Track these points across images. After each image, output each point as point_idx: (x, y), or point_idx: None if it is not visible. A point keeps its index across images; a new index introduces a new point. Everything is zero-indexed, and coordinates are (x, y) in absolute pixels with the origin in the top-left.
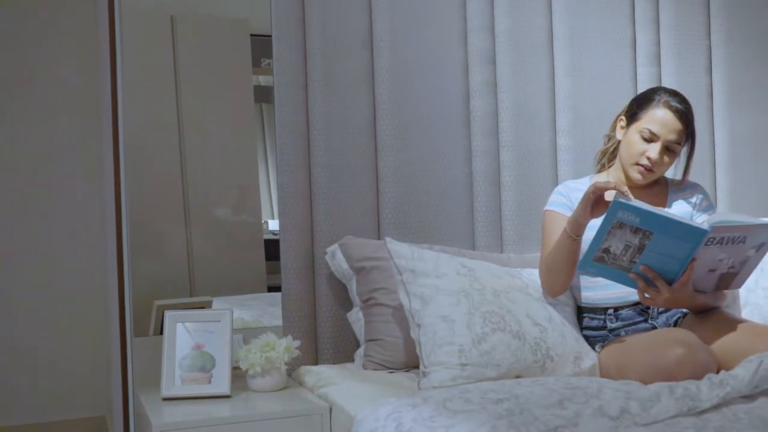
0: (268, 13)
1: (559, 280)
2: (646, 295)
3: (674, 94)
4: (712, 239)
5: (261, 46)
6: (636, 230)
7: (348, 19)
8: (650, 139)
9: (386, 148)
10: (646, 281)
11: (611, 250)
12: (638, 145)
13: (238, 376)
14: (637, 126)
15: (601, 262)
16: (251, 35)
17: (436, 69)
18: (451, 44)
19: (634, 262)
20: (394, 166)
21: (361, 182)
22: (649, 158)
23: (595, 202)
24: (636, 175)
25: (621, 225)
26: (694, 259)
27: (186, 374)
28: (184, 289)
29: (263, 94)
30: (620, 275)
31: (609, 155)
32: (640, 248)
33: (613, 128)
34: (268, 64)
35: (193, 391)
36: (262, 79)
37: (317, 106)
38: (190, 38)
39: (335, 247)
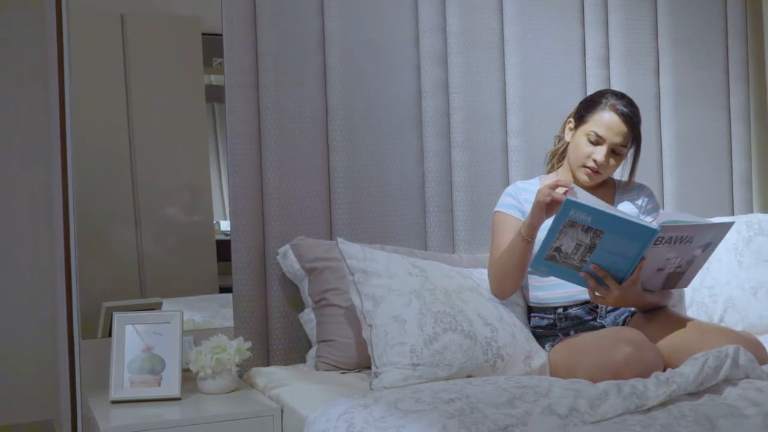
0: (220, 11)
1: (510, 283)
2: (597, 294)
3: (621, 96)
4: (660, 238)
5: (213, 45)
6: (587, 229)
7: (300, 19)
8: (596, 141)
9: (338, 148)
10: (596, 280)
11: (563, 249)
12: (585, 148)
13: (189, 378)
14: (584, 128)
15: (553, 261)
16: (203, 34)
17: (389, 69)
18: (404, 45)
19: (585, 261)
20: (346, 167)
21: (313, 182)
22: (595, 161)
23: (548, 204)
24: (583, 176)
25: (573, 224)
26: (643, 258)
27: (135, 377)
28: (134, 291)
29: (215, 94)
30: (571, 274)
31: (558, 156)
32: (591, 247)
33: (563, 129)
34: (220, 63)
35: (142, 393)
36: (214, 79)
37: (269, 106)
38: (140, 37)
39: (287, 247)
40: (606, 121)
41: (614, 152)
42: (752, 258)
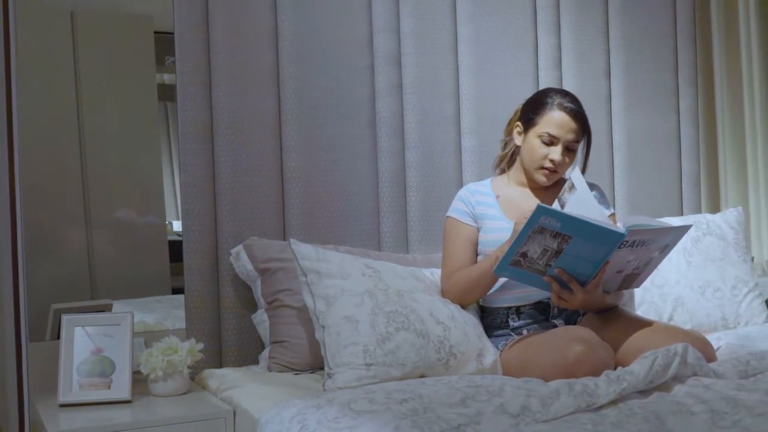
0: (172, 10)
1: (474, 298)
2: (561, 297)
3: (565, 94)
4: (624, 242)
5: (165, 43)
6: (555, 234)
7: (253, 18)
8: (550, 142)
9: (291, 148)
10: (560, 284)
11: (528, 254)
12: (540, 150)
13: (140, 380)
14: (535, 131)
15: (517, 266)
16: (155, 32)
17: (342, 69)
18: (357, 45)
19: (549, 266)
20: (300, 166)
21: (266, 182)
22: (552, 161)
23: None
24: (542, 178)
25: (542, 230)
26: (607, 262)
27: (84, 380)
28: (84, 292)
29: (168, 93)
30: (535, 278)
31: (508, 160)
32: (558, 252)
33: (508, 133)
34: (172, 62)
35: (91, 396)
36: (167, 78)
37: (221, 105)
38: (90, 35)
39: (239, 248)
40: (557, 120)
41: (568, 149)
42: (700, 258)
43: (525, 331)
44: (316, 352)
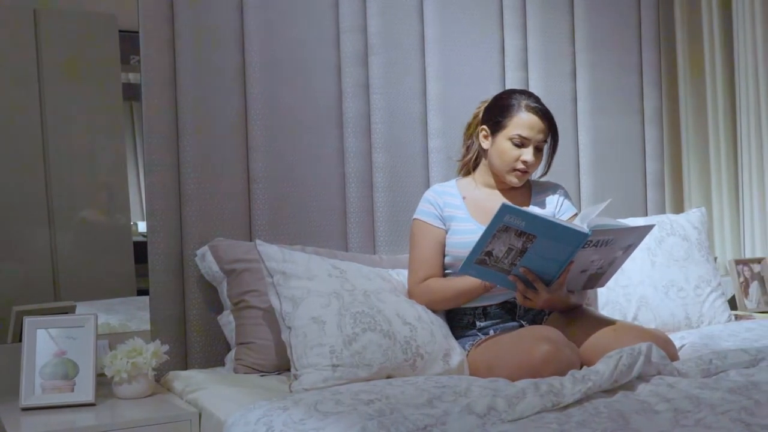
0: (136, 8)
1: (444, 309)
2: (526, 297)
3: (529, 95)
4: (589, 242)
5: (130, 42)
6: (520, 234)
7: (218, 17)
8: (522, 143)
9: (258, 148)
10: (525, 283)
11: (494, 252)
12: (512, 152)
13: (104, 383)
14: (505, 133)
15: (482, 264)
16: (120, 31)
17: (309, 69)
18: (324, 45)
19: (515, 265)
20: (266, 167)
21: (232, 183)
22: (525, 162)
23: None
24: (514, 179)
25: (506, 229)
26: (571, 262)
27: (47, 382)
28: (48, 294)
29: (133, 92)
30: (500, 277)
31: (473, 162)
32: (522, 251)
33: (469, 137)
34: (138, 61)
35: (54, 400)
36: (132, 77)
37: (186, 105)
38: (54, 33)
39: (205, 249)
40: (526, 122)
41: (537, 149)
42: (664, 258)
43: (491, 332)
44: (283, 354)
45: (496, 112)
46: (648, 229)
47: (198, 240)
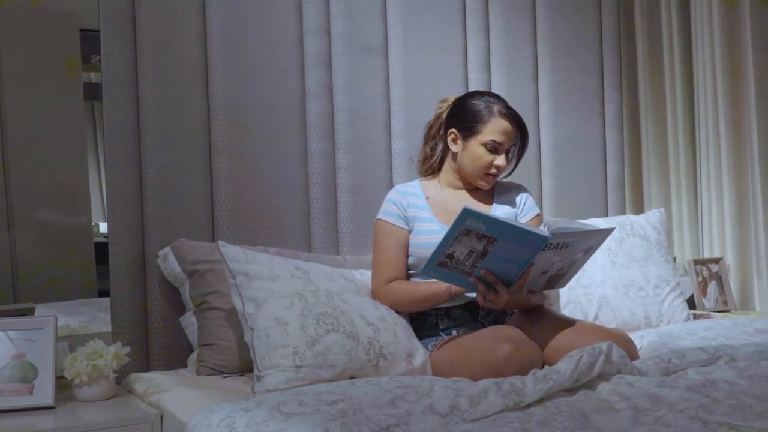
0: (97, 7)
1: (409, 312)
2: (487, 298)
3: (498, 98)
4: (549, 244)
5: (91, 41)
6: (481, 236)
7: (181, 16)
8: (495, 149)
9: (221, 148)
10: (485, 285)
11: (455, 255)
12: (485, 157)
13: (64, 386)
14: (479, 139)
15: (444, 267)
16: (81, 30)
17: (272, 69)
18: (287, 45)
19: (476, 267)
20: (229, 167)
21: (195, 183)
22: (498, 166)
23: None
24: (484, 183)
25: (468, 232)
26: (531, 264)
27: (5, 385)
28: (6, 296)
29: (94, 92)
30: (461, 279)
31: (437, 163)
32: (483, 253)
33: (432, 137)
34: (99, 60)
35: (13, 403)
36: (93, 76)
37: (149, 105)
38: (13, 31)
39: (167, 250)
40: (501, 128)
41: (507, 152)
42: (625, 258)
43: (454, 332)
44: (245, 355)
45: (468, 117)
46: (608, 232)
47: (160, 241)
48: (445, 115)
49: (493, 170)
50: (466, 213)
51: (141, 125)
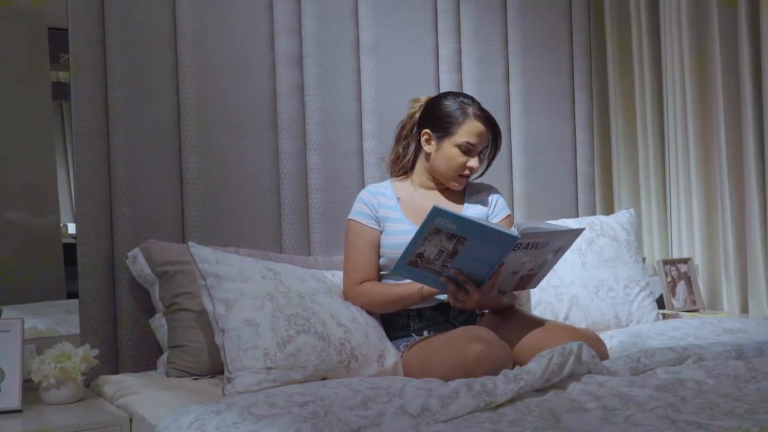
0: (65, 5)
1: (383, 312)
2: (457, 298)
3: (472, 100)
4: (519, 244)
5: (60, 40)
6: (451, 236)
7: (150, 15)
8: (469, 151)
9: (191, 148)
10: (456, 284)
11: (425, 254)
12: (459, 159)
13: (31, 388)
14: (453, 140)
15: (414, 266)
16: (49, 28)
17: (243, 69)
18: (258, 45)
19: (446, 266)
20: (199, 168)
21: (165, 183)
22: (471, 168)
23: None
24: (456, 184)
25: (437, 231)
26: (502, 264)
27: None
28: None
29: (63, 91)
30: (431, 279)
31: (410, 163)
32: (454, 253)
33: (404, 136)
34: (68, 59)
35: None
36: (62, 75)
37: (118, 105)
38: None
39: (137, 251)
40: (476, 130)
41: (480, 154)
42: (595, 258)
43: (426, 333)
44: (216, 357)
45: (443, 118)
46: (578, 232)
47: (129, 242)
48: (418, 115)
49: (466, 171)
50: (436, 212)
51: (110, 125)
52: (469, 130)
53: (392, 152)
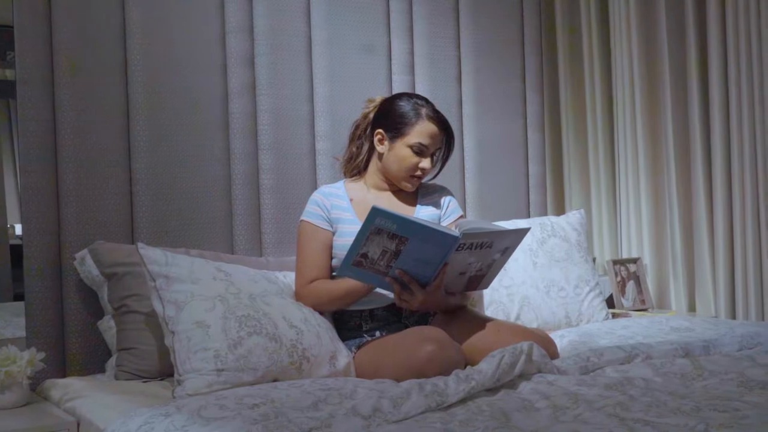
0: (11, 1)
1: (331, 310)
2: (402, 299)
3: (426, 101)
4: (462, 245)
5: (5, 37)
6: (393, 236)
7: (99, 12)
8: (421, 151)
9: (140, 148)
10: (401, 285)
11: (369, 255)
12: (411, 159)
13: None
14: (405, 141)
15: (360, 266)
16: None
17: (194, 69)
18: (209, 44)
19: (391, 267)
20: (149, 168)
21: (113, 184)
22: (423, 169)
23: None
24: (408, 185)
25: (379, 231)
26: (446, 264)
27: None
28: None
29: (10, 89)
30: (377, 279)
31: (363, 163)
32: (397, 253)
33: (357, 137)
34: (14, 57)
35: None
36: (8, 73)
37: (65, 104)
38: None
39: (85, 252)
40: (429, 131)
41: (433, 155)
42: (545, 258)
43: (378, 333)
44: (166, 359)
45: (396, 119)
46: (523, 232)
47: (77, 243)
48: (372, 115)
49: (418, 172)
50: (375, 212)
51: (57, 125)
52: (421, 131)
53: (346, 152)
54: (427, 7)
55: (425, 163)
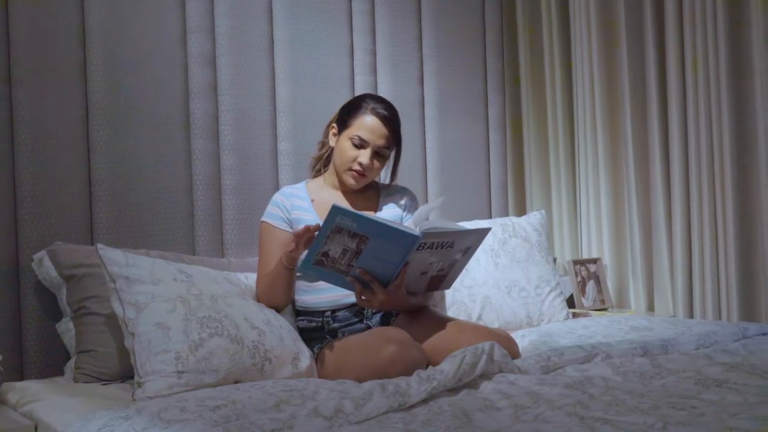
0: None
1: (279, 301)
2: (363, 298)
3: (381, 100)
4: (423, 244)
5: None
6: (353, 235)
7: (57, 11)
8: (360, 145)
9: (100, 148)
10: (362, 284)
11: (330, 254)
12: (350, 152)
13: None
14: (347, 133)
15: (321, 265)
16: None
17: (155, 68)
18: (170, 44)
19: (352, 266)
20: (109, 168)
21: (72, 184)
22: (360, 164)
23: (307, 239)
24: (350, 180)
25: (339, 229)
26: (407, 263)
27: None
28: None
29: None
30: (338, 278)
31: (324, 161)
32: (358, 252)
33: (326, 135)
34: None
35: None
36: None
37: (23, 103)
38: None
39: (43, 253)
40: (368, 124)
41: (378, 154)
42: (507, 259)
43: (340, 334)
44: (126, 361)
45: (345, 112)
46: (483, 232)
47: (35, 244)
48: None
49: (357, 167)
50: (336, 210)
51: (15, 124)
52: (362, 124)
53: (317, 150)
54: (389, 7)
55: (363, 157)
